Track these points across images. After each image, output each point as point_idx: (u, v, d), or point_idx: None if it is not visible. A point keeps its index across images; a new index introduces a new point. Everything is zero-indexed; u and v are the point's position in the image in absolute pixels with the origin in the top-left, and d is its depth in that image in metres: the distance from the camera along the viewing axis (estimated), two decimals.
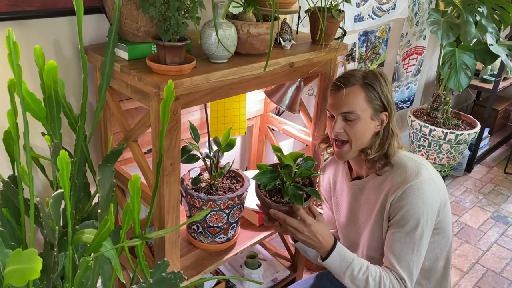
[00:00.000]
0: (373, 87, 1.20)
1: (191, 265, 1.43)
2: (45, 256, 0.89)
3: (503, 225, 2.68)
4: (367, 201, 1.29)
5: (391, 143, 1.23)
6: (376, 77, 1.21)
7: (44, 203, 1.19)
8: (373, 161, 1.24)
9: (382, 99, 1.21)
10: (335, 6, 1.41)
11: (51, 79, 0.96)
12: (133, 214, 0.91)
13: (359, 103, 1.19)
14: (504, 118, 3.87)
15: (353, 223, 1.35)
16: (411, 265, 1.17)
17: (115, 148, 1.02)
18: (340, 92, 1.21)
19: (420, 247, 1.17)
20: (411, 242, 1.16)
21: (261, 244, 2.10)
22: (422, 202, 1.15)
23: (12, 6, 1.11)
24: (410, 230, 1.16)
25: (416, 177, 1.18)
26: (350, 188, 1.35)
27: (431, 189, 1.18)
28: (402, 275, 1.16)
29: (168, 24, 1.03)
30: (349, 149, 1.24)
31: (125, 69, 1.09)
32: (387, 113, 1.23)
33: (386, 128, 1.24)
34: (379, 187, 1.25)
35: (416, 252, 1.17)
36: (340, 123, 1.22)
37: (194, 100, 1.12)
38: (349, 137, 1.22)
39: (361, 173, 1.33)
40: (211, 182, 1.44)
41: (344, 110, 1.20)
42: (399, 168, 1.23)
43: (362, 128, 1.21)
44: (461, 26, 2.47)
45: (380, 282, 1.15)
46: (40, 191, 1.33)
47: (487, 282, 2.22)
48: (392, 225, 1.20)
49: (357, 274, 1.15)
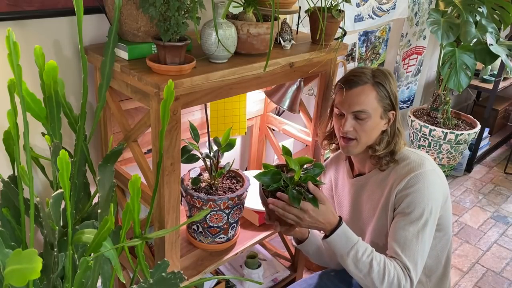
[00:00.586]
0: (383, 86, 1.20)
1: (191, 265, 1.43)
2: (45, 256, 0.89)
3: (503, 225, 2.68)
4: (370, 197, 1.29)
5: (397, 141, 1.24)
6: (385, 76, 1.22)
7: (44, 203, 1.19)
8: (378, 158, 1.24)
9: (391, 98, 1.22)
10: (335, 6, 1.41)
11: (51, 79, 0.96)
12: (133, 214, 0.91)
13: (370, 102, 1.19)
14: (504, 118, 3.87)
15: (357, 219, 1.35)
16: (416, 255, 1.15)
17: (115, 148, 1.02)
18: (352, 91, 1.21)
19: (424, 236, 1.16)
20: (415, 230, 1.15)
21: (261, 244, 2.10)
22: (426, 191, 1.16)
23: (12, 6, 1.11)
24: (414, 219, 1.16)
25: (420, 167, 1.19)
26: (352, 185, 1.35)
27: (435, 180, 1.19)
28: (407, 263, 1.14)
29: (168, 24, 1.03)
30: (356, 145, 1.24)
31: (125, 69, 1.09)
32: (394, 112, 1.23)
33: (392, 127, 1.24)
34: (382, 182, 1.25)
35: (420, 241, 1.15)
36: (351, 122, 1.22)
37: (194, 100, 1.12)
38: (358, 135, 1.22)
39: (363, 170, 1.33)
40: (211, 182, 1.44)
41: (355, 109, 1.20)
42: (403, 161, 1.24)
43: (372, 127, 1.21)
44: (461, 26, 2.47)
45: (385, 268, 1.12)
46: (40, 191, 1.33)
47: (487, 282, 2.22)
48: (397, 214, 1.19)
49: (361, 256, 1.13)
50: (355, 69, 1.26)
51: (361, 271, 1.13)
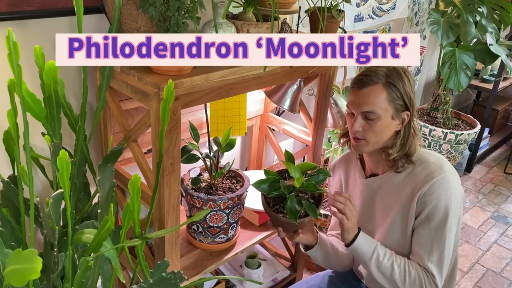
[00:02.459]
0: (396, 87, 1.17)
1: (191, 265, 1.43)
2: (45, 256, 0.89)
3: (503, 225, 2.68)
4: (384, 199, 1.28)
5: (412, 142, 1.22)
6: (400, 76, 1.18)
7: (44, 203, 1.19)
8: (394, 160, 1.23)
9: (405, 98, 1.18)
10: (335, 6, 1.41)
11: (51, 79, 0.96)
12: (133, 214, 0.91)
13: (380, 102, 1.17)
14: (504, 118, 3.87)
15: (368, 220, 1.33)
16: (441, 259, 1.17)
17: (115, 148, 1.02)
18: (362, 90, 1.18)
19: (450, 240, 1.17)
20: (442, 236, 1.16)
21: (261, 244, 2.10)
22: (449, 196, 1.16)
23: (12, 6, 1.11)
24: (439, 224, 1.16)
25: (441, 171, 1.18)
26: (366, 185, 1.32)
27: (456, 182, 1.19)
28: (432, 270, 1.16)
29: (168, 24, 1.03)
30: (366, 144, 1.22)
31: (125, 69, 1.09)
32: (408, 113, 1.20)
33: (407, 127, 1.21)
34: (399, 185, 1.24)
35: (446, 246, 1.17)
36: (360, 122, 1.20)
37: (194, 100, 1.12)
38: (367, 135, 1.20)
39: (376, 171, 1.31)
40: (211, 182, 1.44)
41: (364, 109, 1.18)
42: (421, 163, 1.22)
43: (382, 127, 1.19)
44: (461, 26, 2.47)
45: (405, 270, 1.16)
46: (40, 191, 1.33)
47: (487, 282, 2.22)
48: (421, 220, 1.19)
49: (382, 259, 1.17)
50: (369, 67, 1.21)
51: (384, 274, 1.18)
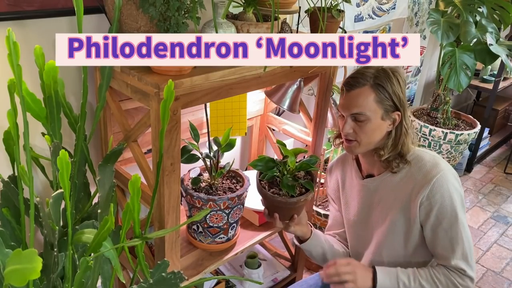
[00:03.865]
0: (384, 88, 1.18)
1: (191, 265, 1.43)
2: (45, 256, 0.89)
3: (503, 225, 2.68)
4: (381, 200, 1.28)
5: (404, 142, 1.22)
6: (388, 77, 1.18)
7: (44, 203, 1.19)
8: (388, 161, 1.23)
9: (394, 99, 1.19)
10: (335, 6, 1.41)
11: (51, 79, 0.96)
12: (133, 214, 0.91)
13: (368, 104, 1.17)
14: (504, 118, 3.87)
15: (365, 221, 1.34)
16: (465, 252, 1.18)
17: (115, 148, 1.01)
18: (350, 93, 1.20)
19: (466, 231, 1.19)
20: (457, 231, 1.17)
21: (261, 244, 2.10)
22: (452, 192, 1.17)
23: (12, 6, 1.11)
24: (451, 221, 1.17)
25: (438, 169, 1.18)
26: (363, 186, 1.33)
27: (454, 177, 1.20)
28: (460, 265, 1.18)
29: (168, 24, 1.03)
30: (357, 146, 1.23)
31: (125, 69, 1.09)
32: (399, 113, 1.21)
33: (398, 127, 1.22)
34: (397, 186, 1.24)
35: (465, 238, 1.18)
36: (350, 124, 1.21)
37: (194, 100, 1.12)
38: (358, 137, 1.21)
39: (372, 171, 1.32)
40: (211, 182, 1.44)
41: (353, 111, 1.19)
42: (417, 163, 1.23)
43: (372, 128, 1.20)
44: (461, 26, 2.47)
45: (434, 281, 1.18)
46: (40, 191, 1.33)
47: (487, 282, 2.22)
48: (432, 224, 1.19)
49: (409, 283, 1.19)
50: (357, 70, 1.23)
51: None
